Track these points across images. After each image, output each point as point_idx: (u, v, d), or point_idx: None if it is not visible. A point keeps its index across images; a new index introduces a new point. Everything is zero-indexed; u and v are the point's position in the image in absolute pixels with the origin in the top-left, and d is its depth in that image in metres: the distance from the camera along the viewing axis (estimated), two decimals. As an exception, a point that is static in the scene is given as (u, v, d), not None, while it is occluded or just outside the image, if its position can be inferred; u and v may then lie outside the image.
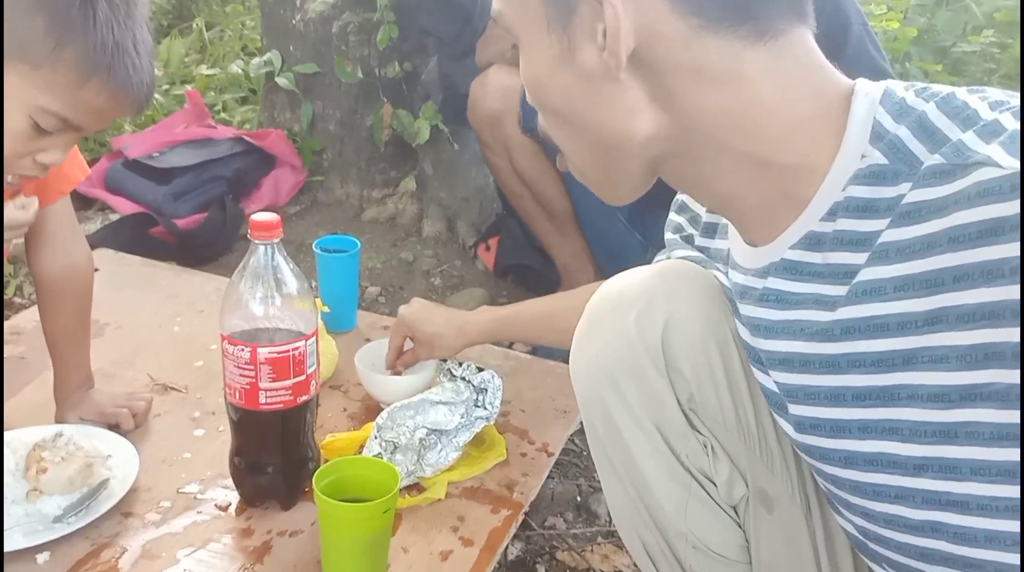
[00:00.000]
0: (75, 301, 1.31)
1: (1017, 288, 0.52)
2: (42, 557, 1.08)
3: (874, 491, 0.67)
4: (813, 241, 0.66)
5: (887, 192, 0.60)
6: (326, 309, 1.50)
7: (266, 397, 1.11)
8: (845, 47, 1.44)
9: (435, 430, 1.25)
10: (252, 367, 1.09)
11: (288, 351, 1.10)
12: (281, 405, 1.12)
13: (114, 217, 1.99)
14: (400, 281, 2.00)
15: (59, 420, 1.30)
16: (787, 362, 0.69)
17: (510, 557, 1.41)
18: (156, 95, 2.59)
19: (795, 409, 0.70)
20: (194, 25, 3.21)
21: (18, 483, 1.14)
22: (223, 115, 2.55)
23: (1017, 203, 0.52)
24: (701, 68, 0.64)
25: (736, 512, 0.83)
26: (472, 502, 1.23)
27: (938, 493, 0.63)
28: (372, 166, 2.33)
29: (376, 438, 1.24)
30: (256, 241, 1.08)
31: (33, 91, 0.98)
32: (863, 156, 0.62)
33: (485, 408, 1.29)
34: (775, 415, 0.75)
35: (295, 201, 2.26)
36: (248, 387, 1.11)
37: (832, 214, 0.64)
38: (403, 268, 2.07)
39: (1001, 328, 0.54)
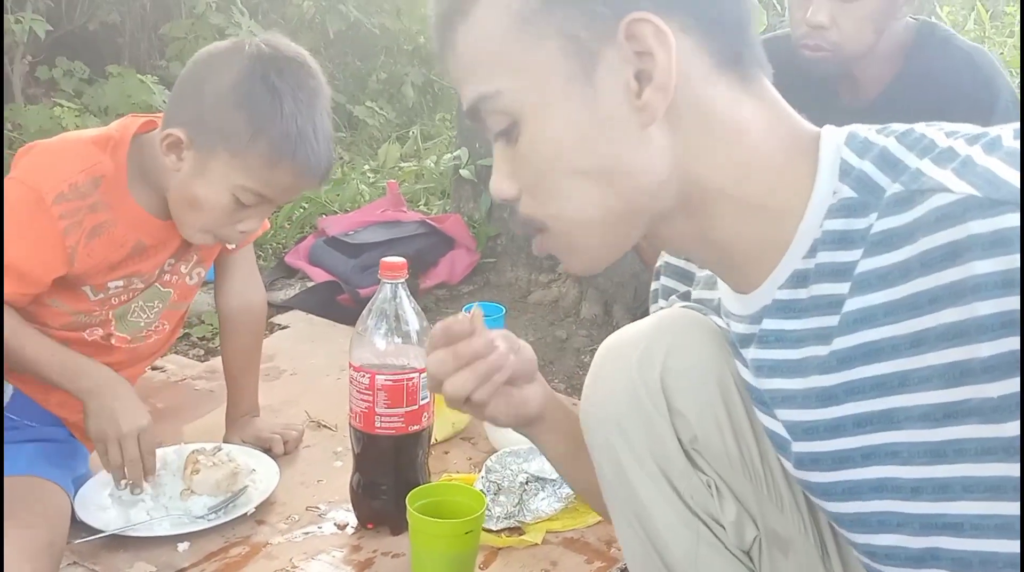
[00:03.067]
0: (249, 335, 1.52)
1: (980, 305, 0.55)
2: (182, 546, 1.24)
3: (877, 521, 0.66)
4: (799, 278, 0.67)
5: (859, 223, 0.62)
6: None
7: (381, 421, 1.23)
8: (991, 117, 1.42)
9: (539, 478, 1.31)
10: (370, 392, 1.22)
11: (403, 380, 1.22)
12: (394, 431, 1.23)
13: (310, 284, 2.25)
14: (551, 356, 2.08)
15: (225, 440, 1.49)
16: (790, 399, 0.69)
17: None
18: (363, 186, 2.93)
19: (796, 447, 0.70)
20: (410, 133, 3.62)
21: (175, 482, 1.32)
22: (422, 206, 2.82)
23: (969, 226, 0.55)
24: (712, 110, 0.66)
25: (750, 558, 0.81)
26: (568, 551, 1.26)
27: (934, 516, 0.63)
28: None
29: (483, 478, 1.31)
30: (384, 280, 1.22)
31: (234, 173, 1.19)
32: (835, 193, 0.64)
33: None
34: (779, 456, 0.74)
35: (468, 281, 2.44)
36: (366, 411, 1.23)
37: (813, 250, 0.65)
38: (556, 345, 2.16)
39: (970, 345, 0.56)
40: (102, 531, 1.23)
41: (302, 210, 2.69)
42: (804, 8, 1.49)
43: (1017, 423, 0.56)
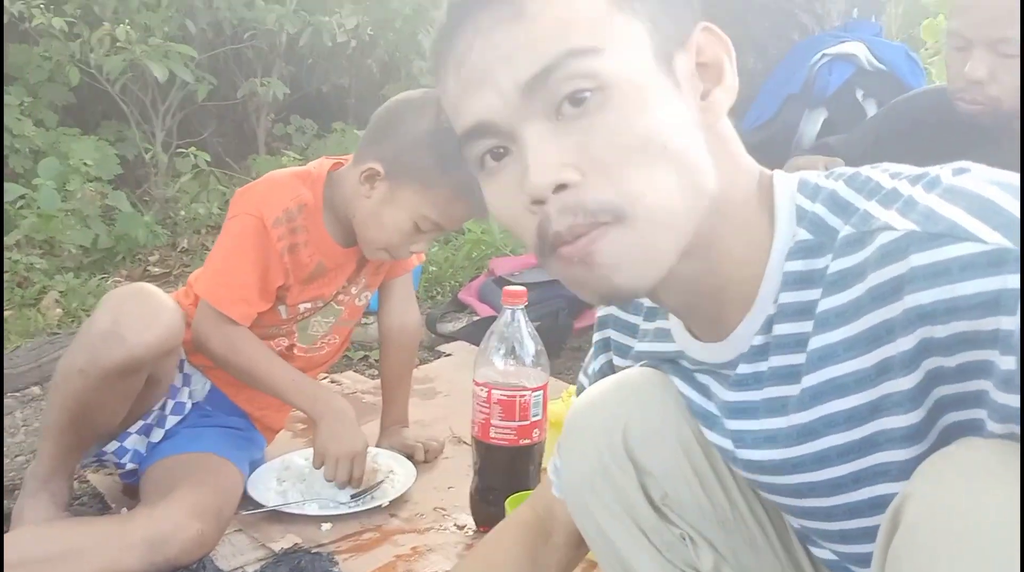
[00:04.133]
0: (404, 351, 1.72)
1: (934, 329, 0.57)
2: (325, 526, 1.44)
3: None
4: (769, 322, 0.69)
5: (817, 264, 0.65)
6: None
7: (495, 432, 1.37)
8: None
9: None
10: (487, 405, 1.37)
11: (515, 396, 1.36)
12: (507, 442, 1.37)
13: (476, 318, 2.46)
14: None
15: (377, 444, 1.70)
16: (772, 439, 0.71)
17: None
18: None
19: (789, 479, 0.72)
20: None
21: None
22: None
23: (910, 260, 0.57)
24: (732, 140, 0.70)
25: None
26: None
27: None
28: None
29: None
30: (505, 306, 1.38)
31: (420, 204, 1.43)
32: (794, 237, 0.67)
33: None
34: (766, 494, 0.77)
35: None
36: (483, 422, 1.38)
37: (778, 292, 0.68)
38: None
39: (934, 364, 0.58)
40: (263, 506, 1.46)
41: (480, 251, 2.93)
42: (962, 62, 1.47)
43: (998, 426, 0.57)
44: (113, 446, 1.47)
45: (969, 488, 0.55)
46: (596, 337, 0.93)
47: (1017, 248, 0.53)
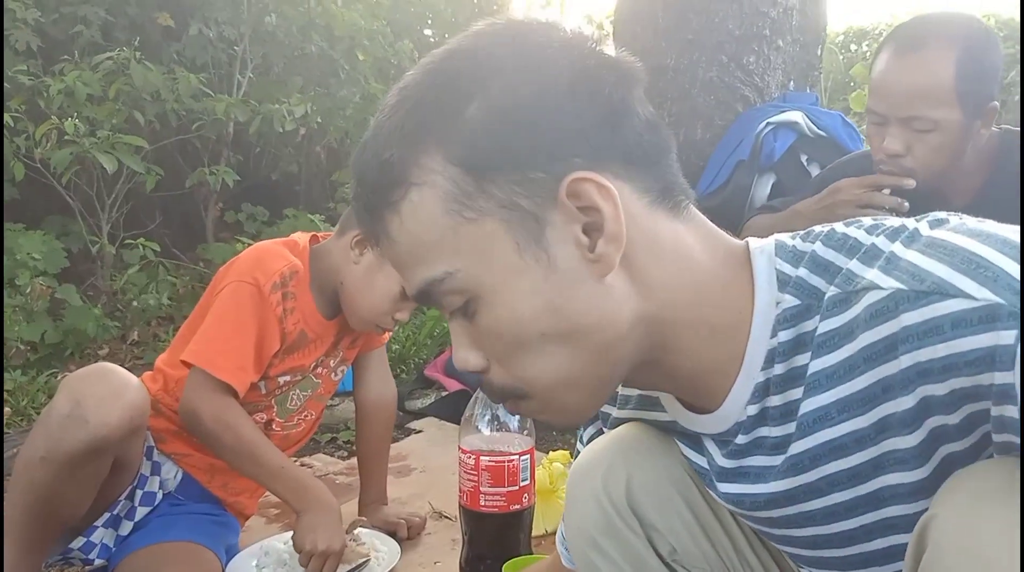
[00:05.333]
0: (381, 425, 1.70)
1: (932, 388, 0.58)
2: (310, 606, 1.39)
3: None
4: (762, 390, 0.68)
5: (807, 326, 0.65)
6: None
7: (485, 500, 1.35)
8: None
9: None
10: (476, 472, 1.35)
11: (504, 462, 1.35)
12: (497, 509, 1.35)
13: (444, 393, 2.44)
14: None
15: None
16: (773, 501, 0.71)
17: None
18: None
19: (802, 532, 0.73)
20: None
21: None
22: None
23: (902, 319, 0.58)
24: (660, 245, 0.67)
25: None
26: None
27: None
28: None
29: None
30: (488, 371, 1.38)
31: None
32: (777, 303, 0.66)
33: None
34: (779, 545, 0.78)
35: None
36: (472, 490, 1.36)
37: (770, 360, 0.67)
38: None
39: (937, 422, 0.59)
40: (245, 593, 1.40)
41: (441, 328, 2.93)
42: (880, 136, 1.55)
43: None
44: (79, 542, 1.40)
45: (993, 508, 0.55)
46: None
47: (1006, 303, 0.54)
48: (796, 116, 2.32)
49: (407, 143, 0.64)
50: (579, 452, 0.96)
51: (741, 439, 0.71)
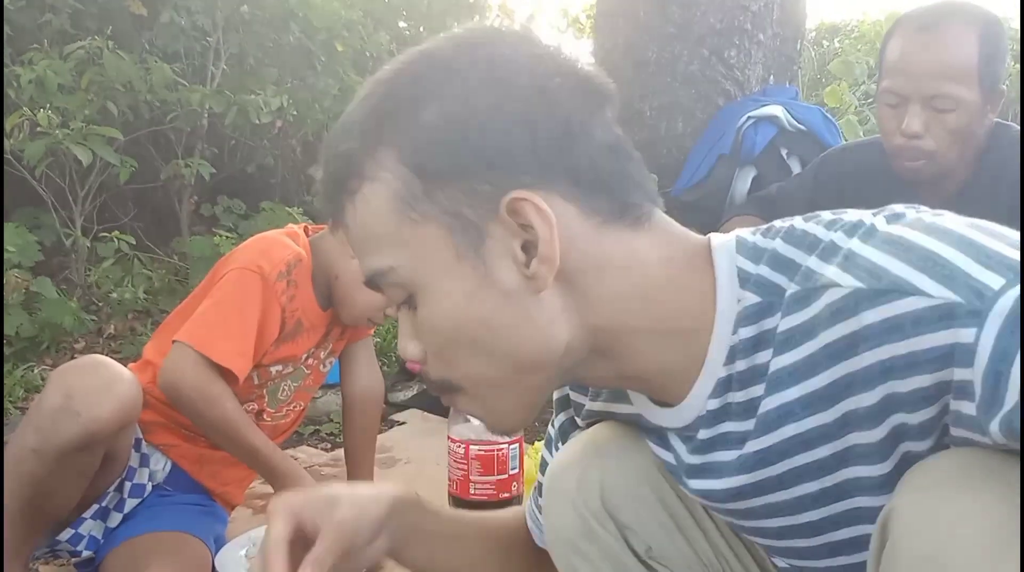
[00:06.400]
0: (368, 416, 1.70)
1: (896, 384, 0.59)
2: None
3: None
4: (723, 385, 0.69)
5: (768, 324, 0.66)
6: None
7: (475, 488, 1.37)
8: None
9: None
10: (465, 461, 1.37)
11: (493, 451, 1.36)
12: (486, 497, 1.37)
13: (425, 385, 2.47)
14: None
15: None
16: (742, 494, 0.72)
17: None
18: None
19: (770, 522, 0.74)
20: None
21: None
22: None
23: (862, 317, 0.59)
24: (607, 262, 0.67)
25: None
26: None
27: None
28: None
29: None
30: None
31: None
32: (739, 300, 0.67)
33: None
34: (750, 536, 0.80)
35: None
36: (462, 479, 1.37)
37: (731, 357, 0.68)
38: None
39: (899, 418, 0.61)
40: (233, 582, 1.40)
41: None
42: (897, 119, 1.53)
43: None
44: (67, 534, 1.39)
45: (952, 497, 0.57)
46: (555, 395, 0.93)
47: (964, 301, 0.55)
48: (776, 110, 2.35)
49: (366, 137, 0.67)
50: (549, 437, 0.97)
51: (704, 433, 0.72)
